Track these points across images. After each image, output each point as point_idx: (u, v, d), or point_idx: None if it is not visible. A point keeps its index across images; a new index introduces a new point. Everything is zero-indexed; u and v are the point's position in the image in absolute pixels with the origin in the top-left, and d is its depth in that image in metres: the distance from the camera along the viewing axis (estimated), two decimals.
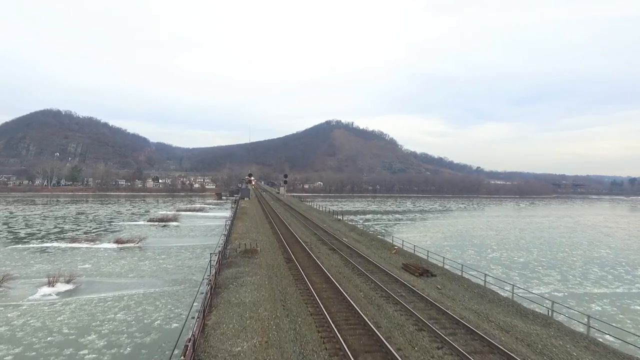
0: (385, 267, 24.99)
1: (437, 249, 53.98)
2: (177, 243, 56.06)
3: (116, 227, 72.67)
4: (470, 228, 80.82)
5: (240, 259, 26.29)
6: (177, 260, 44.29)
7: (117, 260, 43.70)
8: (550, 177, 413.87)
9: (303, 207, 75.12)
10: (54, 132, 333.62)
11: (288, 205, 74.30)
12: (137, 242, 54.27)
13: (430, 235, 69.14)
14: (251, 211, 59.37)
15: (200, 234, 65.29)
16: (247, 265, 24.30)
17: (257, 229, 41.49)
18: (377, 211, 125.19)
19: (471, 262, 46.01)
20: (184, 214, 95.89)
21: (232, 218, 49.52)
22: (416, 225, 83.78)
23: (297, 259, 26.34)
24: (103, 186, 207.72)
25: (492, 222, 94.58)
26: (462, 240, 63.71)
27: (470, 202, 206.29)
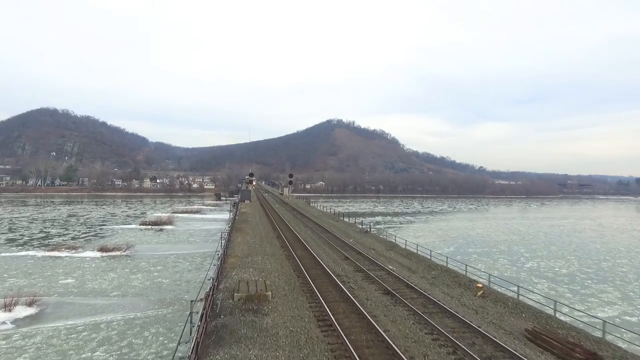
0: (497, 336, 13.47)
1: (463, 257, 48.12)
2: (171, 250, 49.92)
3: (107, 232, 66.57)
4: (490, 232, 74.81)
5: (239, 316, 14.86)
6: (171, 272, 38.21)
7: (104, 273, 37.65)
8: (553, 177, 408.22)
9: (314, 212, 64.24)
10: (50, 131, 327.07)
11: (296, 210, 63.46)
12: (125, 249, 48.13)
13: (451, 240, 63.07)
14: (253, 218, 49.43)
15: (197, 239, 59.19)
16: (252, 338, 12.85)
17: (262, 247, 30.28)
18: (385, 213, 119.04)
19: (509, 274, 40.08)
20: (180, 216, 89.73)
21: (230, 228, 40.17)
22: (431, 229, 77.64)
23: (337, 320, 14.30)
24: (99, 186, 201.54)
25: (510, 225, 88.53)
26: (487, 247, 57.67)
27: (478, 202, 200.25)
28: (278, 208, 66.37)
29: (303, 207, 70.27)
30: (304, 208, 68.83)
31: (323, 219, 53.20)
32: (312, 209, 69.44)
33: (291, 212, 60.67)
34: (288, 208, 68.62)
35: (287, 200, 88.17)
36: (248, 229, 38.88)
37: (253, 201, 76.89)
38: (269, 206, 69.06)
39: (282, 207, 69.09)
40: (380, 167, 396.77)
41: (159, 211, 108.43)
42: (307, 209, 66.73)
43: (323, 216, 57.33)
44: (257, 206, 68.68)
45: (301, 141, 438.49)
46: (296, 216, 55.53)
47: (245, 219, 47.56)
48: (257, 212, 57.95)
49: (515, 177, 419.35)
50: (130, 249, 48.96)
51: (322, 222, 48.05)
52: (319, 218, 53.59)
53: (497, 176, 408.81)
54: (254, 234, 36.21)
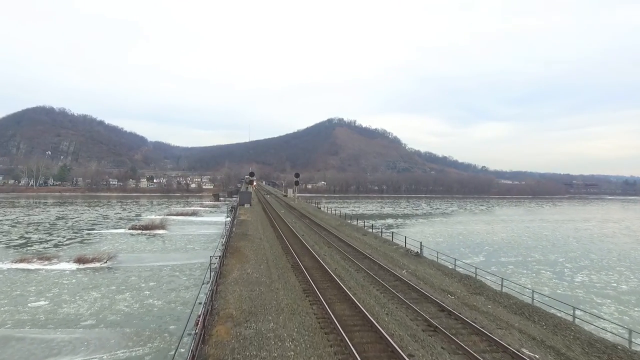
0: None
1: (498, 268, 41.53)
2: (161, 260, 43.13)
3: (94, 238, 59.73)
4: (513, 236, 68.11)
5: None
6: (165, 291, 31.53)
7: (86, 292, 30.99)
8: (557, 177, 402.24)
9: (329, 219, 51.47)
10: (45, 129, 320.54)
11: (307, 218, 51.43)
12: (106, 260, 41.30)
13: (476, 246, 56.38)
14: (255, 230, 37.44)
15: (192, 245, 52.42)
16: None
17: (272, 290, 17.97)
18: (394, 214, 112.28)
19: (561, 291, 33.47)
20: (174, 219, 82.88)
21: (224, 248, 26.83)
22: (450, 233, 70.88)
23: None
24: (93, 186, 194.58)
25: (532, 228, 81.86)
26: (519, 255, 51.02)
27: (486, 203, 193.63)
28: (284, 214, 55.02)
29: (314, 213, 58.52)
30: (316, 214, 57.20)
31: (345, 230, 40.86)
32: (325, 215, 57.68)
33: (301, 220, 48.91)
34: (296, 214, 57.13)
35: (293, 203, 76.52)
36: (248, 251, 27.19)
37: (254, 205, 66.30)
38: (273, 212, 57.84)
39: (289, 213, 57.89)
40: (382, 167, 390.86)
41: (155, 213, 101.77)
42: (319, 216, 55.13)
43: (343, 226, 44.34)
44: (259, 212, 57.37)
45: (302, 140, 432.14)
46: (310, 226, 43.35)
47: (245, 231, 36.38)
48: (259, 220, 46.59)
49: (518, 176, 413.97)
50: (112, 259, 42.09)
51: (348, 237, 35.62)
52: (340, 229, 41.32)
53: (499, 176, 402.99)
54: (257, 261, 23.98)
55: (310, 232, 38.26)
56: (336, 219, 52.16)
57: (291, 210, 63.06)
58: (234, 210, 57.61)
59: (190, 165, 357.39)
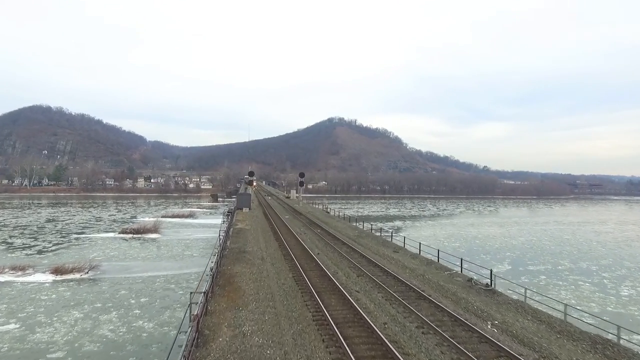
0: None
1: (530, 279, 36.94)
2: (150, 270, 38.40)
3: (84, 242, 54.96)
4: (532, 240, 63.43)
5: None
6: (158, 309, 26.84)
7: (66, 311, 26.49)
8: (559, 177, 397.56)
9: (344, 228, 40.98)
10: (42, 128, 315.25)
11: (318, 226, 40.96)
12: (87, 270, 36.59)
13: (496, 252, 51.64)
14: (256, 246, 27.83)
15: (187, 252, 47.65)
16: None
17: None
18: (400, 216, 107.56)
19: (613, 309, 28.74)
20: (169, 221, 78.10)
21: (211, 283, 17.52)
22: (465, 237, 66.11)
23: None
24: (88, 186, 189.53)
25: (549, 230, 77.24)
26: (547, 263, 46.33)
27: (492, 203, 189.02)
28: (290, 221, 45.66)
29: (324, 220, 48.38)
30: (327, 221, 46.86)
31: (368, 243, 31.32)
32: (337, 222, 47.29)
33: (311, 230, 39.15)
34: (303, 220, 47.27)
35: (297, 206, 67.20)
36: (246, 283, 18.10)
37: (254, 208, 57.38)
38: (275, 217, 48.41)
39: (294, 219, 48.25)
40: (383, 167, 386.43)
41: (151, 214, 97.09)
42: (331, 223, 45.15)
43: (363, 238, 34.59)
44: (260, 217, 47.78)
45: (302, 140, 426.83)
46: (323, 238, 33.49)
47: (242, 246, 27.26)
48: (260, 229, 37.52)
49: (519, 176, 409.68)
50: (94, 269, 37.41)
51: (376, 255, 26.44)
52: (361, 242, 31.67)
53: (501, 176, 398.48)
54: (258, 304, 15.20)
55: (327, 249, 28.63)
56: (352, 228, 42.08)
57: (296, 215, 53.10)
58: (230, 215, 50.29)
59: (189, 164, 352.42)
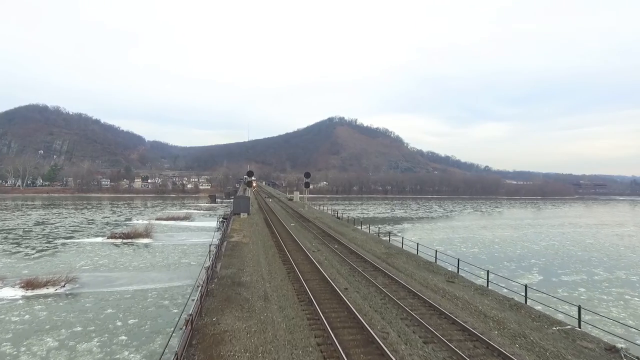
0: None
1: (569, 291, 32.38)
2: (136, 282, 33.71)
3: (70, 248, 50.04)
4: (555, 245, 58.70)
5: None
6: (137, 333, 22.17)
7: (39, 337, 22.19)
8: (561, 177, 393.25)
9: (371, 244, 30.77)
10: (38, 128, 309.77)
11: (335, 240, 32.26)
12: (63, 284, 31.89)
13: (520, 259, 46.91)
14: (256, 273, 20.07)
15: (178, 260, 42.81)
16: None
17: None
18: (407, 218, 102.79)
19: None
20: (164, 224, 73.28)
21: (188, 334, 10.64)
22: (480, 241, 61.35)
23: None
24: (83, 187, 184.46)
25: (568, 234, 72.58)
26: (582, 272, 41.70)
27: (499, 204, 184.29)
28: (296, 230, 36.72)
29: (339, 229, 38.89)
30: (342, 231, 37.29)
31: (404, 266, 23.26)
32: (354, 232, 37.10)
33: (326, 244, 29.90)
34: (314, 230, 37.89)
35: (302, 210, 58.03)
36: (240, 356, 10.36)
37: (253, 213, 50.03)
38: (280, 226, 39.30)
39: (302, 228, 39.21)
40: (384, 167, 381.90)
41: (146, 216, 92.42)
42: (348, 234, 35.23)
43: (394, 257, 26.04)
44: (260, 225, 39.71)
45: (302, 139, 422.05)
46: (345, 259, 24.39)
47: (238, 274, 19.75)
48: (261, 243, 29.41)
49: (521, 176, 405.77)
50: (72, 282, 32.70)
51: (423, 286, 18.75)
52: (394, 264, 23.78)
53: (503, 176, 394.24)
54: None
55: (355, 278, 19.62)
56: (374, 240, 32.65)
57: (304, 222, 44.20)
58: (225, 222, 42.08)
59: (187, 165, 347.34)
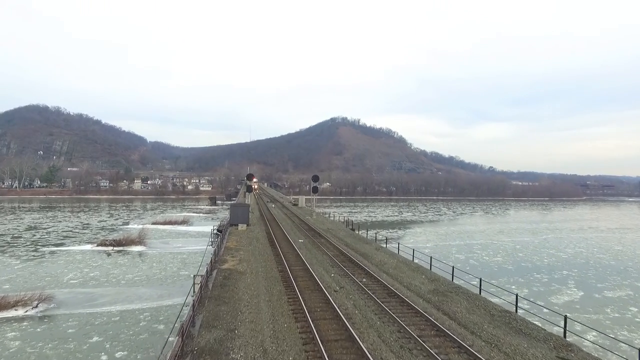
0: None
1: (620, 312, 27.86)
2: (119, 302, 29.32)
3: (59, 257, 45.62)
4: (583, 253, 54.00)
5: None
6: None
7: None
8: (566, 177, 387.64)
9: (413, 278, 21.16)
10: (37, 128, 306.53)
11: (362, 268, 22.89)
12: (35, 304, 27.57)
13: (550, 271, 42.23)
14: (253, 339, 12.70)
15: (171, 272, 38.32)
16: None
17: None
18: (417, 221, 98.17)
19: None
20: (160, 229, 68.86)
21: None
22: (502, 248, 56.66)
23: None
24: (81, 188, 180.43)
25: (590, 240, 67.87)
26: (627, 287, 37.15)
27: (509, 206, 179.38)
28: (307, 250, 28.13)
29: (359, 248, 29.79)
30: (365, 251, 28.30)
31: (477, 322, 14.88)
32: (382, 254, 27.74)
33: (351, 277, 20.99)
34: (330, 250, 28.75)
35: (310, 219, 47.84)
36: None
37: (253, 223, 42.03)
38: (286, 244, 30.13)
39: (315, 248, 29.40)
40: (387, 167, 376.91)
41: (145, 219, 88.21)
42: (373, 255, 26.98)
43: (451, 297, 17.91)
44: (262, 243, 30.88)
45: (304, 140, 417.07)
46: (384, 306, 16.12)
47: (225, 337, 12.79)
48: (262, 273, 21.51)
49: (526, 177, 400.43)
50: (46, 301, 28.35)
51: None
52: (459, 317, 15.44)
53: (507, 176, 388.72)
54: None
55: (409, 352, 12.02)
56: (410, 267, 23.74)
57: (314, 236, 34.64)
58: (219, 236, 34.82)
59: (188, 165, 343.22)
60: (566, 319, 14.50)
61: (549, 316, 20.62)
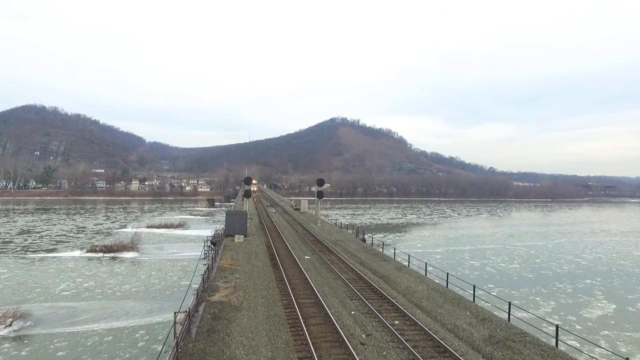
0: None
1: None
2: (103, 319, 26.40)
3: (49, 265, 42.63)
4: (603, 259, 51.26)
5: None
6: None
7: None
8: (568, 178, 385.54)
9: (458, 318, 15.70)
10: (34, 128, 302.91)
11: (387, 301, 17.70)
12: (10, 322, 24.62)
13: (572, 279, 39.27)
14: None
15: (163, 282, 35.25)
16: None
17: None
18: (423, 224, 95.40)
19: None
20: (155, 233, 65.84)
21: None
22: (517, 254, 53.77)
23: None
24: (77, 189, 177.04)
25: (607, 244, 65.22)
26: None
27: (512, 207, 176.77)
28: (316, 270, 23.46)
29: (380, 269, 24.02)
30: (387, 274, 22.81)
31: None
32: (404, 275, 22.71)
33: (379, 317, 15.32)
34: (345, 273, 22.91)
35: (315, 228, 42.45)
36: None
37: (252, 233, 36.21)
38: (290, 263, 25.09)
39: (327, 271, 23.59)
40: (387, 168, 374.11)
41: (143, 222, 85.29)
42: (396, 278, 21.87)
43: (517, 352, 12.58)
44: (261, 259, 26.03)
45: (304, 140, 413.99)
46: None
47: None
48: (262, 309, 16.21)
49: (527, 177, 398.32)
50: (22, 318, 25.33)
51: None
52: None
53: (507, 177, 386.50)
54: None
55: None
56: (448, 300, 18.22)
57: (322, 251, 29.49)
58: (214, 249, 30.04)
59: (187, 166, 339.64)
60: None
61: None
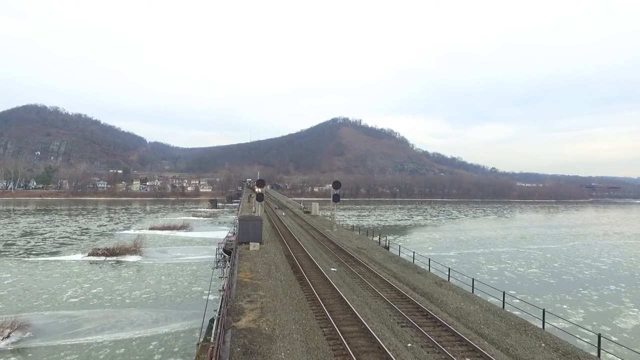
0: None
1: None
2: (107, 329, 24.81)
3: (55, 269, 40.88)
4: (625, 264, 49.69)
5: None
6: None
7: None
8: (570, 179, 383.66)
9: None
10: (35, 128, 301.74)
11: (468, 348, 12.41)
12: (8, 332, 23.09)
13: (600, 286, 37.49)
14: None
15: (168, 288, 33.56)
16: None
17: None
18: (431, 225, 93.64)
19: None
20: (158, 235, 64.17)
21: None
22: (535, 258, 52.08)
23: None
24: (78, 190, 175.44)
25: (622, 247, 63.80)
26: None
27: (517, 208, 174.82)
28: (350, 289, 19.34)
29: (418, 284, 20.33)
30: (428, 290, 19.22)
31: None
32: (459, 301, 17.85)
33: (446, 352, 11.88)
34: (384, 290, 19.18)
35: (334, 235, 37.78)
36: None
37: (266, 240, 32.39)
38: (317, 276, 21.39)
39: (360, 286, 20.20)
40: (389, 168, 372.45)
41: (146, 223, 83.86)
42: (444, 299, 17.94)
43: None
44: (284, 275, 21.52)
45: (305, 140, 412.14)
46: None
47: None
48: (299, 337, 12.93)
49: (529, 178, 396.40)
50: (22, 329, 23.72)
51: None
52: None
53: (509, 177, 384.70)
54: None
55: None
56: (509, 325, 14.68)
57: (347, 261, 26.33)
58: (230, 259, 26.46)
59: (188, 166, 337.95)
60: None
61: None
